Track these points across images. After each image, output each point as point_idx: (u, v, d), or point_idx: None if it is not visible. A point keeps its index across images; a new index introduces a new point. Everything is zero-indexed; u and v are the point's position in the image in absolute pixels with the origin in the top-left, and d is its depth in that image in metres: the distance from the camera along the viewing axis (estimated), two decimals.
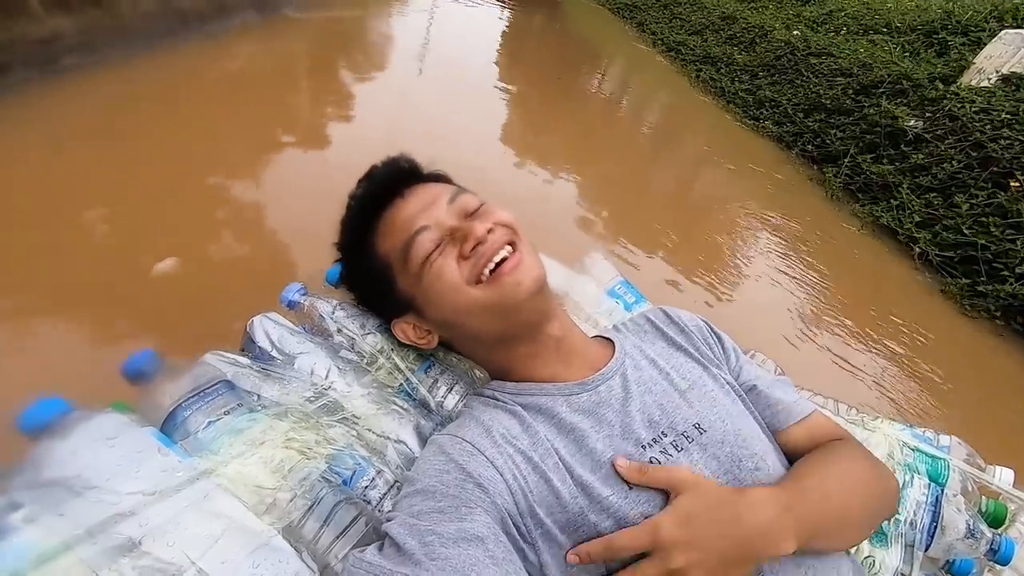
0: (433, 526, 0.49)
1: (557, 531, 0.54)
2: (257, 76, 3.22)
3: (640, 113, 5.22)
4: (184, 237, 1.54)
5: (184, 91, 2.78)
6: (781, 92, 4.86)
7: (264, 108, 2.80)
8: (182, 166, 1.97)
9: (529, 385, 0.65)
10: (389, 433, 0.66)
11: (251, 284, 1.32)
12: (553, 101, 4.68)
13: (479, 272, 0.61)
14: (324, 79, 3.66)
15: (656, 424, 0.60)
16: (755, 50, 5.71)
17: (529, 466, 0.57)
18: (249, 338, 0.72)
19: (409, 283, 0.66)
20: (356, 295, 0.77)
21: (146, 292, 1.25)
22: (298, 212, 1.79)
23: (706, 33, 6.92)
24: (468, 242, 0.61)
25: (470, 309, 0.62)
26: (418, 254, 0.63)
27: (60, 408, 0.51)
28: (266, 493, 0.50)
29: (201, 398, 0.55)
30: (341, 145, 2.67)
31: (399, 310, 0.69)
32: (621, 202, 3.11)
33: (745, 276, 2.69)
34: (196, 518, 0.45)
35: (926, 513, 0.74)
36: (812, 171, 4.08)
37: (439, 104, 3.63)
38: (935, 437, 0.86)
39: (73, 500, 0.43)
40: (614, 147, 4.09)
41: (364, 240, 0.69)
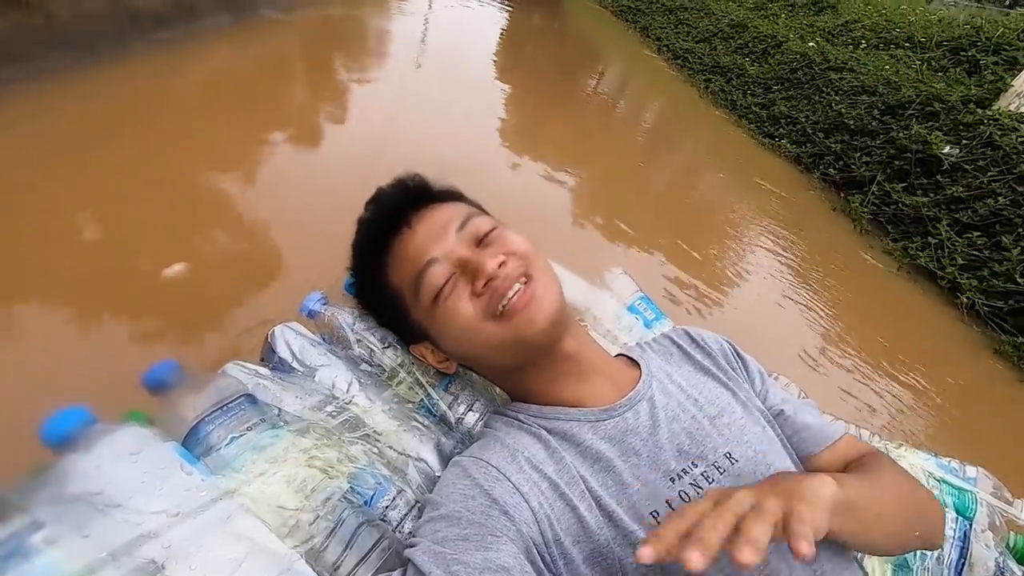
0: (459, 555, 0.48)
1: (581, 561, 0.53)
2: (242, 80, 3.09)
3: (647, 125, 4.88)
4: (190, 243, 1.52)
5: (151, 104, 2.48)
6: (798, 108, 4.50)
7: (252, 113, 2.69)
8: (168, 173, 1.91)
9: (553, 409, 0.64)
10: (410, 451, 0.64)
11: (260, 288, 1.31)
12: (551, 103, 4.46)
13: (494, 309, 0.59)
14: (314, 81, 3.48)
15: (686, 454, 0.59)
16: (768, 61, 5.34)
17: (555, 493, 0.55)
18: (270, 348, 0.71)
19: (421, 316, 0.64)
20: (373, 317, 0.75)
21: (156, 298, 1.24)
22: (297, 210, 1.77)
23: (714, 41, 6.45)
24: (480, 279, 0.59)
25: (484, 345, 0.61)
26: (429, 290, 0.61)
27: (83, 418, 0.50)
28: (289, 514, 0.49)
29: (224, 412, 0.54)
30: (342, 146, 2.60)
31: (415, 337, 0.69)
32: (634, 220, 2.84)
33: (764, 310, 2.43)
34: (219, 540, 0.44)
35: (954, 548, 0.72)
36: (835, 197, 3.70)
37: (435, 104, 3.49)
38: (961, 468, 0.84)
39: (97, 519, 0.42)
40: (618, 157, 3.82)
41: (375, 267, 0.67)
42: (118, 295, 1.23)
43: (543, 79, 5.19)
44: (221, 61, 3.19)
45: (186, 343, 1.03)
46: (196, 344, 0.94)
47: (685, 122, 5.13)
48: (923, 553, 0.72)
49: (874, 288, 2.81)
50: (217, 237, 1.60)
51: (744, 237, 3.08)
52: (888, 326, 2.51)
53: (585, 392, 0.64)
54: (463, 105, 3.67)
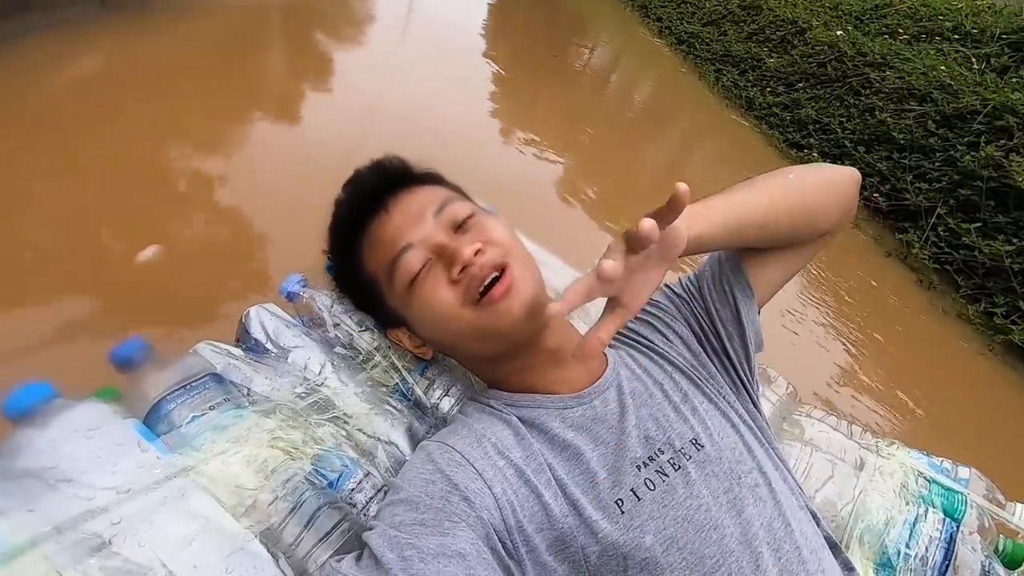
0: (413, 539, 0.47)
1: (544, 549, 0.52)
2: (212, 53, 2.75)
3: (648, 126, 4.16)
4: (164, 227, 1.47)
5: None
6: (830, 112, 3.69)
7: (226, 89, 2.42)
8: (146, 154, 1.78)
9: (524, 396, 0.63)
10: (380, 434, 0.64)
11: (239, 269, 1.28)
12: (542, 85, 3.97)
13: (471, 296, 0.58)
14: (292, 52, 3.15)
15: (652, 441, 0.58)
16: (789, 52, 4.51)
17: (520, 480, 0.55)
18: (244, 329, 0.70)
19: (398, 301, 0.63)
20: (350, 300, 0.75)
21: (131, 280, 1.24)
22: (277, 189, 1.69)
23: (724, 24, 5.50)
24: (456, 265, 0.58)
25: (460, 333, 0.60)
26: (404, 276, 0.60)
27: (46, 394, 0.50)
28: (246, 494, 0.49)
29: (187, 391, 0.54)
30: (323, 122, 2.40)
31: (392, 322, 0.68)
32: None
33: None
34: (171, 518, 0.44)
35: (939, 550, 0.70)
36: (881, 229, 2.93)
37: (422, 77, 3.17)
38: (953, 468, 0.82)
39: (46, 494, 0.42)
40: (616, 158, 3.28)
41: (351, 252, 0.66)
42: (91, 276, 1.22)
43: (533, 58, 4.55)
44: (187, 32, 2.83)
45: (160, 323, 1.03)
46: (170, 324, 0.94)
47: (693, 123, 4.41)
48: (906, 554, 0.70)
49: (958, 379, 1.97)
50: (193, 219, 1.56)
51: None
52: (997, 446, 1.70)
53: (558, 379, 0.64)
54: (450, 79, 3.34)
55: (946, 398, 1.92)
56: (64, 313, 1.11)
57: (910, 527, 0.71)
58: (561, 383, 0.63)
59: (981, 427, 1.82)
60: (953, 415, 1.87)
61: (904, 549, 0.71)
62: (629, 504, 0.54)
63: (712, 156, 3.94)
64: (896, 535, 0.71)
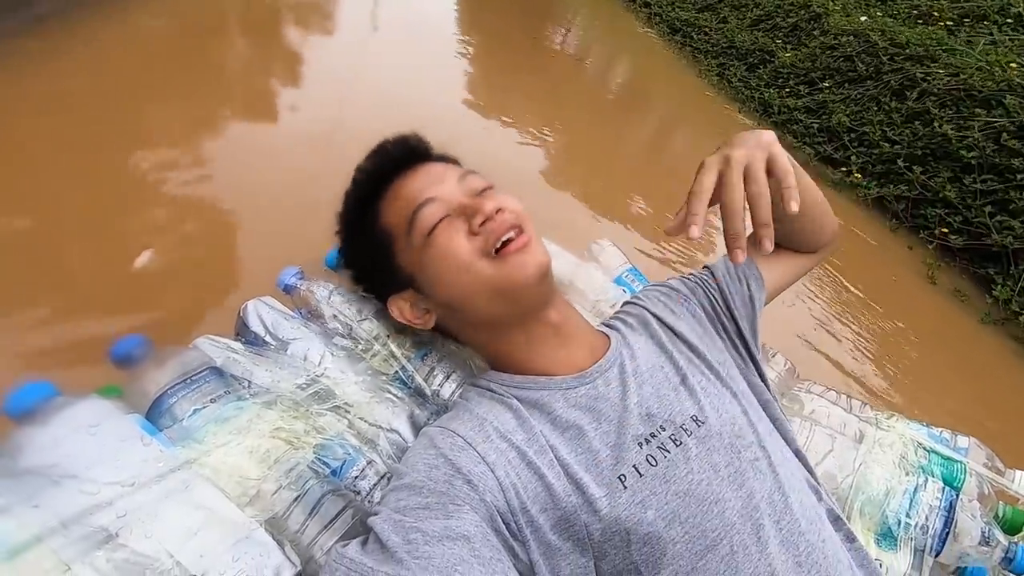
0: (418, 523, 0.48)
1: (548, 529, 0.53)
2: (170, 49, 2.57)
3: (640, 138, 3.54)
4: (152, 233, 1.44)
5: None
6: (867, 119, 2.98)
7: (190, 86, 2.28)
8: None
9: (525, 379, 0.64)
10: (382, 422, 0.64)
11: (236, 266, 1.28)
12: (518, 70, 3.64)
13: (489, 248, 0.59)
14: (257, 45, 2.96)
15: (654, 418, 0.58)
16: (806, 43, 3.79)
17: (523, 462, 0.55)
18: (243, 322, 0.71)
19: (411, 258, 0.63)
20: (354, 272, 0.75)
21: (127, 281, 1.23)
22: (261, 187, 1.64)
23: (722, 10, 4.78)
24: (477, 217, 0.59)
25: (475, 285, 0.60)
26: (424, 224, 0.61)
27: (47, 392, 0.50)
28: (250, 484, 0.49)
29: (187, 385, 0.54)
30: (298, 117, 2.30)
31: (398, 286, 0.67)
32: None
33: None
34: (176, 509, 0.44)
35: (939, 518, 0.71)
36: (950, 269, 2.30)
37: (396, 65, 3.01)
38: (952, 438, 0.83)
39: (50, 490, 0.42)
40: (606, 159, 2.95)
41: (367, 212, 0.67)
42: (85, 278, 1.23)
43: (510, 42, 4.18)
44: (140, 28, 2.63)
45: (159, 321, 1.04)
46: (169, 321, 0.94)
47: (697, 128, 3.66)
48: (906, 523, 0.71)
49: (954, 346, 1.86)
50: (182, 218, 1.53)
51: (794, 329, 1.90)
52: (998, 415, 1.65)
53: (561, 359, 0.64)
54: (424, 65, 3.18)
55: (943, 366, 1.93)
56: (62, 314, 1.11)
57: (910, 497, 0.72)
58: (564, 362, 0.64)
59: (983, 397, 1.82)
60: (953, 386, 1.86)
61: (904, 518, 0.71)
62: (632, 480, 0.54)
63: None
64: (896, 505, 0.72)
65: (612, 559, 0.53)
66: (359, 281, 0.75)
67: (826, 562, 0.54)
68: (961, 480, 0.76)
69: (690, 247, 2.22)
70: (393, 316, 0.69)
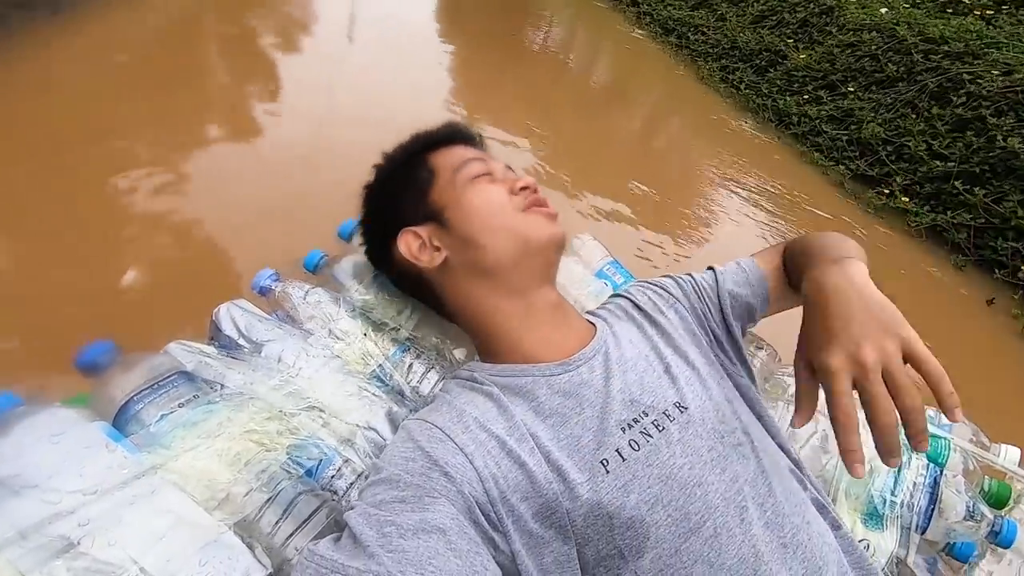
0: (393, 516, 0.47)
1: (530, 517, 0.53)
2: (144, 60, 2.51)
3: (635, 135, 3.27)
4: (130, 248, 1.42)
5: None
6: (905, 128, 2.53)
7: (165, 100, 2.22)
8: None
9: (509, 367, 0.63)
10: (359, 420, 0.64)
11: (208, 271, 1.26)
12: (501, 68, 3.49)
13: (522, 205, 0.66)
14: (233, 56, 2.86)
15: (636, 403, 0.58)
16: (820, 40, 3.30)
17: (503, 451, 0.55)
18: (216, 326, 0.70)
19: (448, 195, 0.67)
20: (377, 199, 0.75)
21: (100, 290, 1.23)
22: (239, 197, 1.62)
23: (718, 6, 4.30)
24: (519, 183, 0.67)
25: (503, 226, 0.65)
26: (473, 170, 0.68)
27: (7, 402, 0.49)
28: (219, 487, 0.48)
29: (155, 390, 0.53)
30: (280, 129, 2.23)
31: (420, 219, 0.68)
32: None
33: None
34: (140, 515, 0.44)
35: (923, 495, 0.71)
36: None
37: (376, 74, 2.96)
38: (937, 415, 0.83)
39: (10, 500, 0.41)
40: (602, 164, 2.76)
41: (421, 152, 0.72)
42: (60, 293, 1.22)
43: (491, 40, 4.04)
44: (109, 40, 2.56)
45: (130, 328, 1.02)
46: (141, 328, 0.93)
47: (707, 147, 3.13)
48: (891, 501, 0.71)
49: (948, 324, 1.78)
50: (157, 226, 1.50)
51: None
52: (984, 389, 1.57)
53: (552, 340, 0.65)
54: (405, 68, 3.11)
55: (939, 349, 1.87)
56: (31, 322, 1.10)
57: (894, 475, 0.72)
58: (553, 345, 0.64)
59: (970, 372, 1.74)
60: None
61: (889, 497, 0.71)
62: (614, 464, 0.54)
63: (757, 205, 2.47)
64: (881, 484, 0.72)
65: (595, 544, 0.52)
66: (379, 208, 0.75)
67: (811, 543, 0.54)
68: (945, 456, 0.76)
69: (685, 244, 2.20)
70: (399, 249, 0.67)
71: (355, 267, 0.81)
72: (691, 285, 0.75)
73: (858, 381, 0.48)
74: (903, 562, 0.70)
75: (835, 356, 0.49)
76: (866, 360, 0.47)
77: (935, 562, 0.72)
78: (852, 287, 0.54)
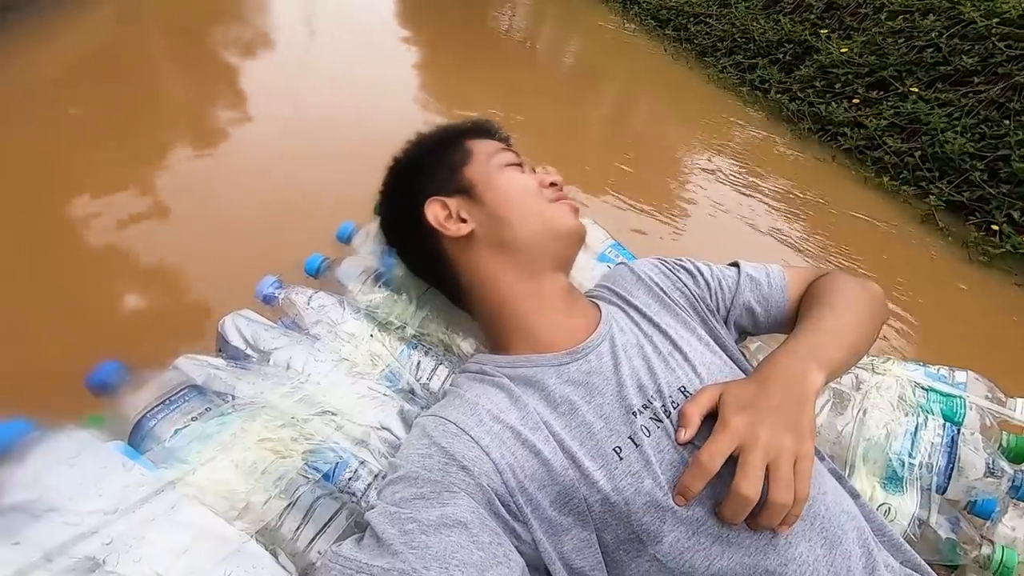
0: (414, 513, 0.48)
1: (548, 505, 0.53)
2: (94, 78, 2.38)
3: (608, 117, 2.99)
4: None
5: None
6: (1000, 140, 1.99)
7: (124, 118, 2.11)
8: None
9: (517, 358, 0.64)
10: (372, 421, 0.64)
11: (210, 284, 1.27)
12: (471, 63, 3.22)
13: (551, 196, 0.70)
14: (188, 66, 2.70)
15: (645, 389, 0.58)
16: (858, 27, 2.70)
17: (518, 441, 0.55)
18: (223, 338, 0.70)
19: (483, 172, 0.70)
20: (407, 174, 0.75)
21: (100, 311, 1.23)
22: (210, 216, 1.58)
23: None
24: (548, 178, 0.71)
25: (531, 208, 0.68)
26: (505, 159, 0.72)
27: (22, 429, 0.50)
28: (238, 497, 0.49)
29: (167, 406, 0.53)
30: (247, 138, 2.11)
31: (452, 190, 0.70)
32: None
33: None
34: (163, 531, 0.44)
35: (941, 455, 0.70)
36: None
37: (342, 73, 2.79)
38: (950, 374, 0.82)
39: (32, 525, 0.41)
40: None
41: (460, 135, 0.75)
42: (61, 317, 1.22)
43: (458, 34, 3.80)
44: (58, 57, 2.43)
45: (139, 348, 1.03)
46: (149, 345, 0.93)
47: (740, 171, 2.38)
48: (910, 464, 0.71)
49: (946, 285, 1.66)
50: (153, 252, 1.46)
51: None
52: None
53: (563, 327, 0.65)
54: (371, 70, 2.92)
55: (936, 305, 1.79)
56: (37, 348, 1.11)
57: (911, 437, 0.71)
58: (564, 332, 0.64)
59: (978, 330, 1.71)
60: (946, 323, 1.74)
61: (908, 459, 0.71)
62: (627, 451, 0.54)
63: (805, 239, 1.99)
64: (898, 446, 0.71)
65: (614, 529, 0.53)
66: (402, 185, 0.76)
67: (827, 513, 0.53)
68: (962, 415, 0.76)
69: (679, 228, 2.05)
70: (427, 216, 0.68)
71: (357, 267, 0.81)
72: (705, 277, 0.74)
73: (741, 452, 0.49)
74: (925, 523, 0.70)
75: (739, 420, 0.50)
76: (758, 437, 0.49)
77: (957, 520, 0.72)
78: (792, 389, 0.54)
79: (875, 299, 0.70)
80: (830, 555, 0.51)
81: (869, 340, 0.67)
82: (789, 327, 0.71)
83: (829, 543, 0.52)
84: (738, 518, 0.48)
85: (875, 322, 0.69)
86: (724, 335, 0.69)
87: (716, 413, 0.53)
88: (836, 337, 0.61)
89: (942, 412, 0.76)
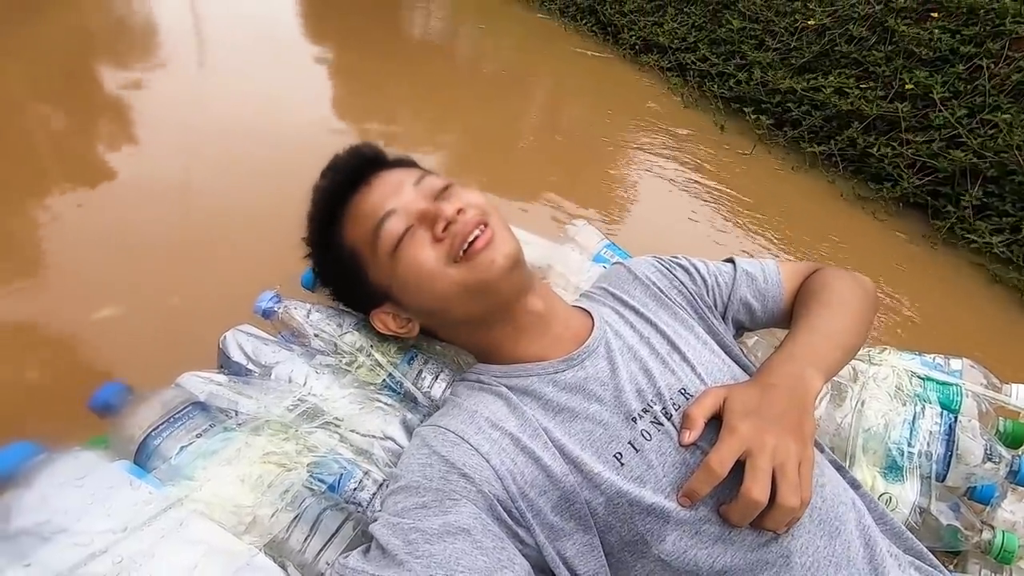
0: (416, 523, 0.48)
1: (549, 510, 0.53)
2: None
3: (538, 112, 2.93)
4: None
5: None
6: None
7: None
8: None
9: (514, 367, 0.64)
10: (375, 431, 0.64)
11: (209, 299, 1.26)
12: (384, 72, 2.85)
13: (455, 252, 0.58)
14: (73, 110, 2.20)
15: (644, 393, 0.59)
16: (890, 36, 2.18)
17: (517, 448, 0.55)
18: (224, 355, 0.70)
19: (383, 273, 0.63)
20: (330, 290, 0.75)
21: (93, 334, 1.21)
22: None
23: (738, 43, 2.74)
24: (439, 223, 0.59)
25: (447, 292, 0.59)
26: (387, 241, 0.60)
27: (29, 452, 0.50)
28: (245, 511, 0.49)
29: (171, 424, 0.54)
30: (144, 181, 1.79)
31: (375, 301, 0.67)
32: None
33: None
34: (172, 548, 0.44)
35: (940, 443, 0.71)
36: None
37: (244, 92, 2.45)
38: (946, 362, 0.83)
39: (42, 547, 0.42)
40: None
41: (331, 232, 0.66)
42: (60, 340, 1.21)
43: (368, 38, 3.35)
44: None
45: (140, 367, 1.02)
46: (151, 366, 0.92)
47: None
48: (909, 452, 0.71)
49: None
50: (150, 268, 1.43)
51: None
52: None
53: (547, 345, 0.64)
54: (280, 87, 2.56)
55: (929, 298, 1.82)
56: (35, 371, 1.10)
57: (909, 426, 0.72)
58: (552, 347, 0.64)
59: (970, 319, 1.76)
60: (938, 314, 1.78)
61: (907, 448, 0.72)
62: (628, 456, 0.55)
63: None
64: (897, 436, 0.72)
65: (618, 531, 0.53)
66: (337, 298, 0.75)
67: (825, 505, 0.54)
68: (958, 402, 0.77)
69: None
70: (378, 329, 0.69)
71: None
72: (701, 274, 0.74)
73: (751, 454, 0.49)
74: (926, 510, 0.71)
75: (746, 425, 0.51)
76: (764, 442, 0.50)
77: (958, 506, 0.73)
78: (794, 396, 0.55)
79: (868, 294, 0.71)
80: (831, 545, 0.52)
81: (863, 337, 0.68)
82: (785, 322, 0.72)
83: (829, 533, 0.52)
84: (745, 521, 0.49)
85: (869, 317, 0.70)
86: (722, 332, 0.70)
87: (718, 416, 0.54)
88: (833, 338, 0.63)
89: (939, 400, 0.77)
